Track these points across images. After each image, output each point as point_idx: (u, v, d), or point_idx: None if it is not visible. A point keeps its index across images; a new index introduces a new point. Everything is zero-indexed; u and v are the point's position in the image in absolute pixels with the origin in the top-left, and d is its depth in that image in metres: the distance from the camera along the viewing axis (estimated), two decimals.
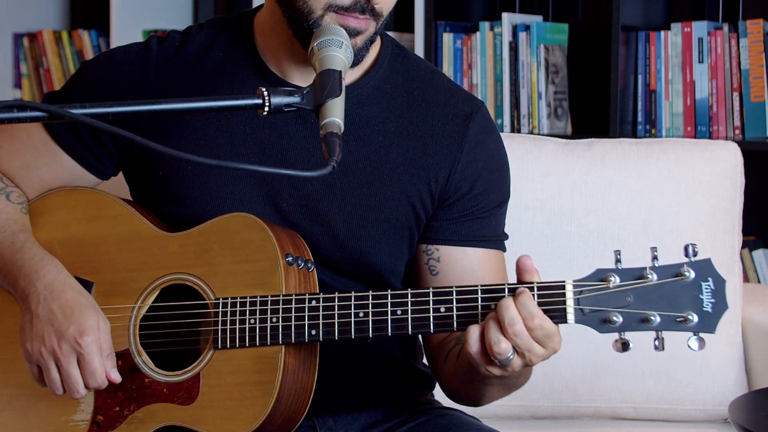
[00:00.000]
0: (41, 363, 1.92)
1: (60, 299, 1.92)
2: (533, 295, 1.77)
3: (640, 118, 3.72)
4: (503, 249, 2.09)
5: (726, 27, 3.60)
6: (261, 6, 2.06)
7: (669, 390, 2.58)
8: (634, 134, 3.72)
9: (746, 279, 3.66)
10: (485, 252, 2.06)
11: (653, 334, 1.74)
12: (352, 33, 1.89)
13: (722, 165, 2.62)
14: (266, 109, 1.71)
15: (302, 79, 2.01)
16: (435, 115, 2.04)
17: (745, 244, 3.58)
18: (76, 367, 1.90)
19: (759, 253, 3.69)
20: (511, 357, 1.77)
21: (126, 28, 4.53)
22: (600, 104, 3.83)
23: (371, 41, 1.95)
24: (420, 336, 2.15)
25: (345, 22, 1.89)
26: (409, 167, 2.02)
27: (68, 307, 1.91)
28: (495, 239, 2.07)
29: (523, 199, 2.57)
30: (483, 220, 2.05)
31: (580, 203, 2.59)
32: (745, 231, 2.73)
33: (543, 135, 3.77)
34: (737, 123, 3.59)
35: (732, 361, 2.59)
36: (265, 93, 1.71)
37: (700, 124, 3.63)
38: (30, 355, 1.93)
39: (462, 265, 2.04)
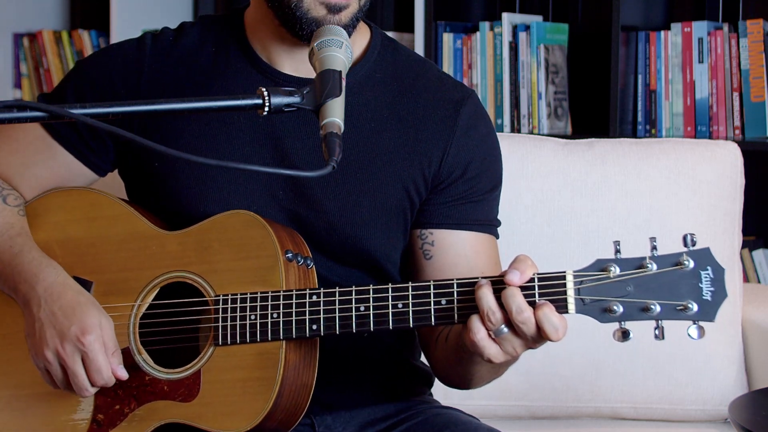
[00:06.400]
0: (48, 366, 1.92)
1: (60, 301, 1.93)
2: (534, 285, 1.77)
3: (640, 118, 3.72)
4: (496, 235, 2.10)
5: (726, 27, 3.60)
6: (248, 4, 2.09)
7: (669, 390, 2.58)
8: (634, 134, 3.71)
9: (746, 279, 3.65)
10: (478, 236, 2.07)
11: (653, 323, 1.75)
12: (335, 9, 1.92)
13: (722, 165, 2.62)
14: (266, 109, 1.71)
15: (293, 66, 2.03)
16: (426, 101, 2.06)
17: (745, 244, 3.58)
18: (81, 365, 1.91)
19: (759, 253, 3.69)
20: (506, 330, 1.77)
21: (126, 28, 4.53)
22: (600, 104, 3.83)
23: (357, 18, 1.97)
24: None
25: None
26: (401, 152, 2.03)
27: (69, 308, 1.92)
28: (488, 224, 2.09)
29: (523, 199, 2.57)
30: (476, 204, 2.07)
31: (580, 203, 2.59)
32: (745, 231, 2.73)
33: (543, 135, 3.77)
34: (737, 123, 3.59)
35: (732, 361, 2.59)
36: (265, 93, 1.71)
37: (700, 124, 3.63)
38: (37, 360, 1.94)
39: (456, 248, 2.05)
